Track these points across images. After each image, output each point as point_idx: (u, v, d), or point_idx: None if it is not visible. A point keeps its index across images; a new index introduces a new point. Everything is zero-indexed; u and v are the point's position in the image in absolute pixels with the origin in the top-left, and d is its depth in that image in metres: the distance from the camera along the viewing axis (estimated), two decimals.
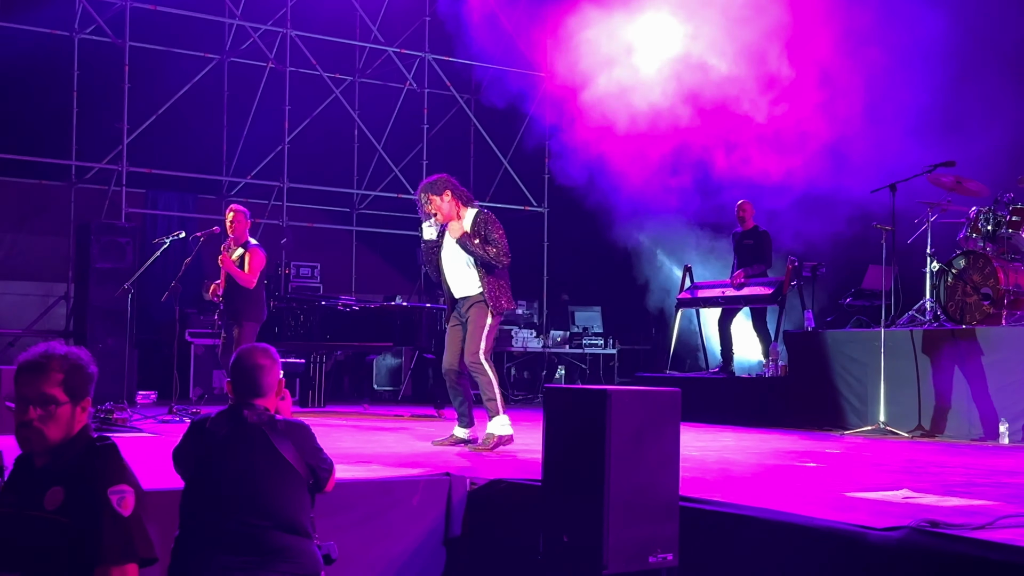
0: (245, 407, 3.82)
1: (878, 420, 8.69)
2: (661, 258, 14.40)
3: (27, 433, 3.05)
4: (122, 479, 3.03)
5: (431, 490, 5.19)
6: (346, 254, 15.93)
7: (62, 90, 13.43)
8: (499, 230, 7.12)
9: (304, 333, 11.21)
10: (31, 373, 3.05)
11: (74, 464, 3.04)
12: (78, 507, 2.97)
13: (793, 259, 10.81)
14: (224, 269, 9.20)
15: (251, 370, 3.86)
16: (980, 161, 10.25)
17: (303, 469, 3.77)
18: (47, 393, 3.03)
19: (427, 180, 7.27)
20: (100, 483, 2.99)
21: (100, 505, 2.96)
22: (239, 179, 14.83)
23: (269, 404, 3.86)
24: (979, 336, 8.50)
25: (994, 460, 6.92)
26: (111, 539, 2.94)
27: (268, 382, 3.86)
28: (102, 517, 2.95)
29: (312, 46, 14.78)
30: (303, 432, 3.84)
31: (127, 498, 2.99)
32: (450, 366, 7.19)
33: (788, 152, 11.85)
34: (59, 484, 3.01)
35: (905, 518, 4.02)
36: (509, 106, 15.39)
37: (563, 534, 4.18)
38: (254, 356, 3.90)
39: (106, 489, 2.98)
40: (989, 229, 9.10)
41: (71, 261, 13.43)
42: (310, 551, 3.73)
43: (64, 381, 3.05)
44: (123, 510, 2.97)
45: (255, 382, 3.85)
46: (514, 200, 15.92)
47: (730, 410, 9.99)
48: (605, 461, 4.03)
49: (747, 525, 4.26)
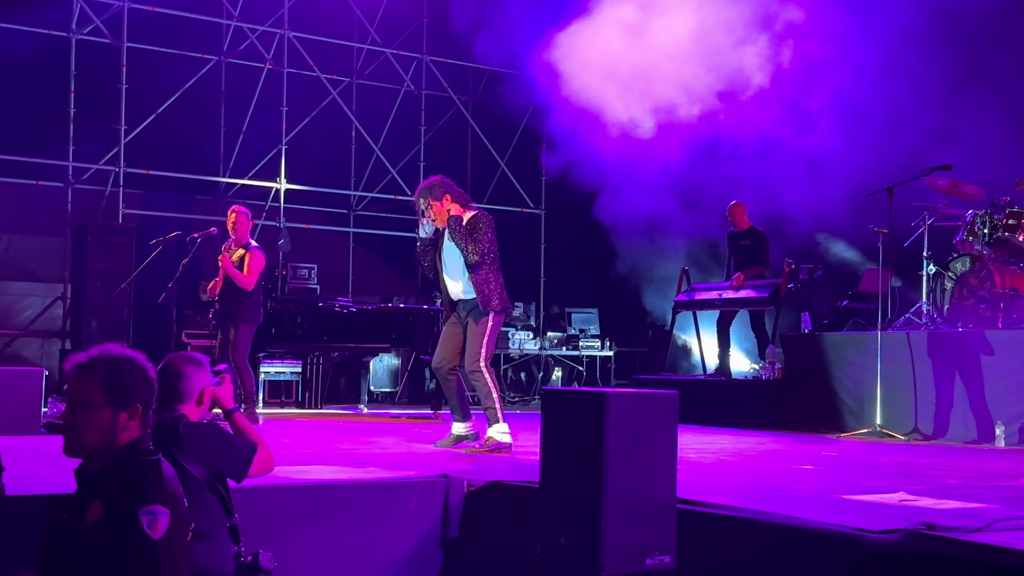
0: (165, 412, 3.87)
1: (874, 423, 8.70)
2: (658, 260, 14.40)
3: (67, 435, 2.96)
4: (157, 499, 2.87)
5: (428, 492, 5.18)
6: (343, 255, 15.93)
7: (60, 90, 13.43)
8: (488, 232, 7.01)
9: (301, 334, 11.22)
10: (74, 373, 2.95)
11: (116, 479, 2.91)
12: (113, 526, 2.83)
13: (790, 261, 10.82)
14: (223, 270, 9.20)
15: (170, 377, 3.90)
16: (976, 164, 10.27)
17: (202, 473, 3.76)
18: (84, 394, 2.93)
19: (425, 183, 7.21)
20: (133, 502, 2.84)
21: (130, 526, 2.81)
22: (236, 180, 14.83)
23: (189, 411, 3.88)
24: (975, 339, 8.51)
25: (990, 463, 6.93)
26: (136, 563, 2.79)
27: (186, 389, 3.89)
28: (130, 538, 2.80)
29: (310, 47, 14.79)
30: (204, 434, 3.84)
31: (160, 520, 2.83)
32: (440, 363, 7.16)
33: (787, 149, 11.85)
34: (101, 498, 2.89)
35: (902, 521, 4.02)
36: (506, 108, 15.40)
37: (560, 536, 4.18)
38: (177, 363, 3.94)
39: (138, 509, 2.82)
40: (986, 232, 9.11)
41: (68, 262, 13.43)
42: (208, 554, 3.69)
43: (104, 384, 2.93)
44: (153, 533, 2.81)
45: (172, 389, 3.89)
46: (511, 202, 15.93)
47: (727, 412, 9.99)
48: (603, 463, 4.03)
49: (744, 527, 4.27)
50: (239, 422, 4.10)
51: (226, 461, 3.84)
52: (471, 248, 6.92)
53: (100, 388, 2.92)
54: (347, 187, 15.94)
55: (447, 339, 7.17)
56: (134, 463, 2.94)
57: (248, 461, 3.88)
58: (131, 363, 2.98)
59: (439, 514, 5.16)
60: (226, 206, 9.88)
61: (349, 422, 10.15)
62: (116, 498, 2.86)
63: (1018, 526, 4.00)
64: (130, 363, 2.98)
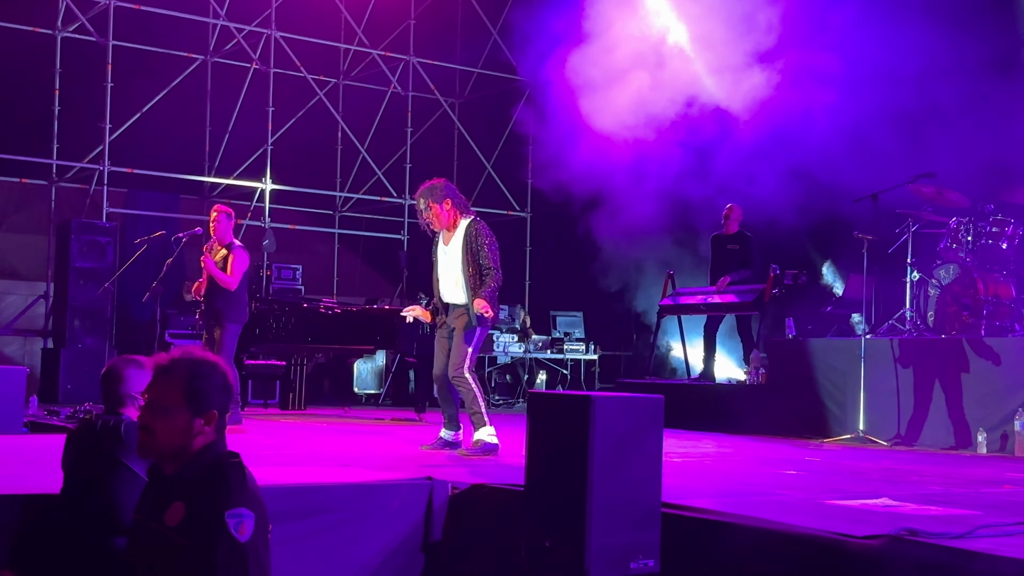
0: (110, 415, 3.91)
1: (858, 428, 8.73)
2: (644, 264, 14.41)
3: (143, 437, 2.97)
4: (242, 501, 2.85)
5: (412, 494, 5.16)
6: (328, 256, 15.90)
7: (44, 88, 13.38)
8: (492, 245, 7.04)
9: (285, 335, 11.18)
10: (155, 375, 2.97)
11: (196, 480, 2.91)
12: (195, 528, 2.82)
13: (775, 267, 10.85)
14: (206, 270, 9.16)
15: (111, 380, 3.96)
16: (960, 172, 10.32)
17: (146, 472, 3.78)
18: (163, 397, 2.94)
19: (428, 184, 7.19)
20: (219, 504, 2.82)
21: (217, 528, 2.79)
22: (221, 180, 14.79)
23: (132, 414, 3.89)
24: (958, 346, 8.55)
25: (972, 469, 6.96)
26: (224, 565, 2.78)
27: (127, 392, 3.93)
28: (218, 541, 2.78)
29: (296, 47, 14.76)
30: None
31: (246, 523, 2.82)
32: (439, 372, 7.17)
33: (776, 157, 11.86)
34: (180, 500, 2.88)
35: (884, 526, 4.03)
36: (493, 111, 15.40)
37: (545, 539, 4.18)
38: (118, 367, 3.99)
39: (224, 511, 2.81)
40: (969, 240, 9.15)
41: (51, 260, 13.36)
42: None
43: (184, 388, 2.93)
44: (240, 535, 2.80)
45: (113, 392, 3.95)
46: (497, 205, 15.93)
47: (711, 417, 10.00)
48: (588, 467, 4.03)
49: (728, 532, 4.27)
50: None
51: None
52: (487, 283, 6.93)
53: (179, 392, 2.93)
54: (333, 188, 15.91)
55: (442, 348, 7.17)
56: (217, 466, 2.93)
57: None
58: (212, 368, 2.99)
59: (422, 516, 5.14)
60: (211, 206, 9.83)
61: (332, 424, 10.12)
62: (200, 500, 2.85)
63: (1000, 532, 4.02)
64: (211, 368, 2.98)
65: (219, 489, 2.86)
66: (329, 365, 14.09)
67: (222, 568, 2.77)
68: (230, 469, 2.93)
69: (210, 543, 2.78)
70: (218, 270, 9.05)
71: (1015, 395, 8.09)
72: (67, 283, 12.53)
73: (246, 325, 9.49)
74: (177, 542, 2.82)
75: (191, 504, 2.86)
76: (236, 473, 2.92)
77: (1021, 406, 7.93)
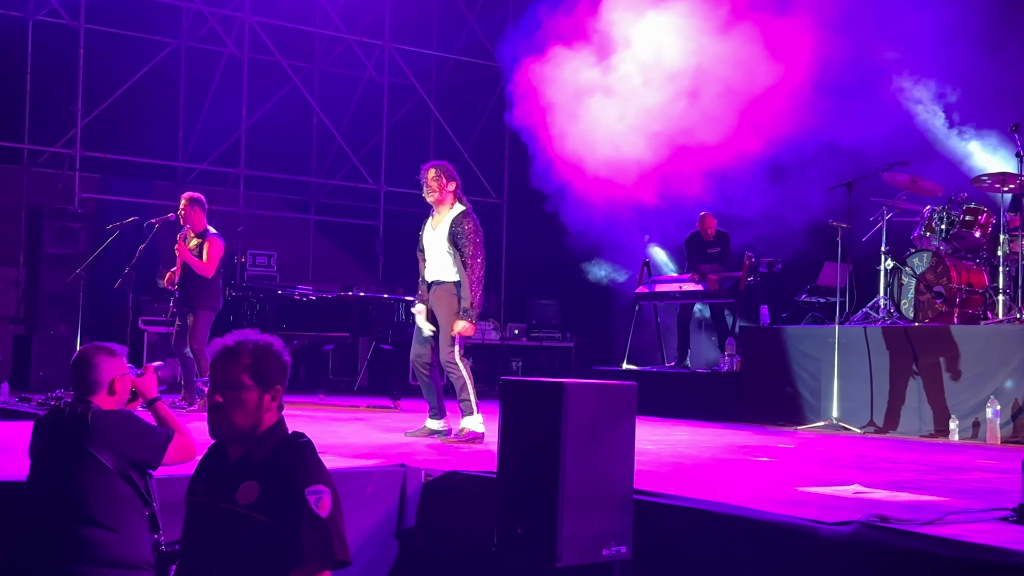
0: (79, 403, 3.88)
1: (831, 416, 8.77)
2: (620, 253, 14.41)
3: (215, 418, 3.05)
4: (318, 479, 2.98)
5: (385, 481, 5.15)
6: (303, 243, 15.83)
7: (16, 72, 13.21)
8: (478, 242, 7.07)
9: (260, 322, 11.09)
10: (221, 357, 3.06)
11: (269, 459, 3.01)
12: (276, 505, 2.92)
13: (750, 255, 10.88)
14: (180, 258, 9.10)
15: (81, 367, 3.94)
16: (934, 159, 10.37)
17: (113, 461, 3.76)
18: (234, 377, 3.03)
19: (442, 162, 7.36)
20: (298, 482, 2.94)
21: (299, 505, 2.90)
22: (196, 165, 14.67)
23: (101, 401, 3.90)
24: (931, 334, 8.61)
25: (943, 456, 7.01)
26: (310, 541, 2.88)
27: (96, 379, 3.92)
28: (301, 518, 2.89)
29: (271, 32, 14.65)
30: (112, 422, 3.83)
31: (324, 499, 2.94)
32: (417, 356, 7.15)
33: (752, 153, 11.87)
34: (253, 479, 2.97)
35: (855, 513, 4.06)
36: (469, 98, 15.32)
37: (517, 526, 4.18)
38: (88, 354, 3.98)
39: (304, 488, 2.93)
40: (943, 228, 9.20)
41: (22, 246, 13.24)
42: (120, 543, 3.71)
43: (251, 366, 3.04)
44: (321, 511, 2.92)
45: (83, 379, 3.93)
46: (473, 192, 15.79)
47: (685, 404, 10.03)
48: (560, 453, 4.03)
49: (700, 519, 4.29)
50: (160, 411, 4.13)
51: (138, 448, 3.84)
52: (470, 275, 6.96)
53: (247, 371, 3.04)
54: (308, 174, 15.83)
55: (422, 330, 7.15)
56: (289, 444, 3.06)
57: (162, 447, 3.89)
58: (271, 346, 3.11)
59: (395, 503, 5.14)
60: (185, 191, 9.76)
61: (307, 411, 10.08)
62: (277, 479, 2.96)
63: (969, 519, 4.05)
64: (270, 346, 3.11)
65: (296, 467, 2.98)
66: (304, 352, 14.02)
67: (307, 543, 2.88)
68: (304, 447, 3.06)
69: (293, 520, 2.89)
70: (194, 258, 9.00)
71: (987, 383, 8.15)
72: (39, 269, 12.42)
73: (220, 312, 9.45)
74: (255, 519, 2.92)
75: (267, 483, 2.96)
76: (310, 451, 3.06)
77: (993, 394, 7.99)
